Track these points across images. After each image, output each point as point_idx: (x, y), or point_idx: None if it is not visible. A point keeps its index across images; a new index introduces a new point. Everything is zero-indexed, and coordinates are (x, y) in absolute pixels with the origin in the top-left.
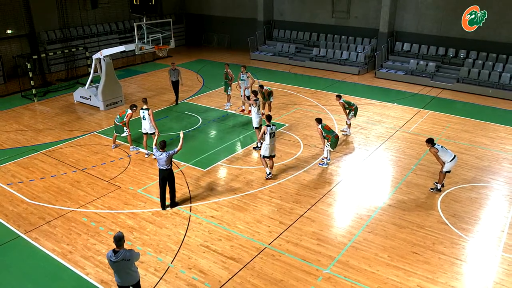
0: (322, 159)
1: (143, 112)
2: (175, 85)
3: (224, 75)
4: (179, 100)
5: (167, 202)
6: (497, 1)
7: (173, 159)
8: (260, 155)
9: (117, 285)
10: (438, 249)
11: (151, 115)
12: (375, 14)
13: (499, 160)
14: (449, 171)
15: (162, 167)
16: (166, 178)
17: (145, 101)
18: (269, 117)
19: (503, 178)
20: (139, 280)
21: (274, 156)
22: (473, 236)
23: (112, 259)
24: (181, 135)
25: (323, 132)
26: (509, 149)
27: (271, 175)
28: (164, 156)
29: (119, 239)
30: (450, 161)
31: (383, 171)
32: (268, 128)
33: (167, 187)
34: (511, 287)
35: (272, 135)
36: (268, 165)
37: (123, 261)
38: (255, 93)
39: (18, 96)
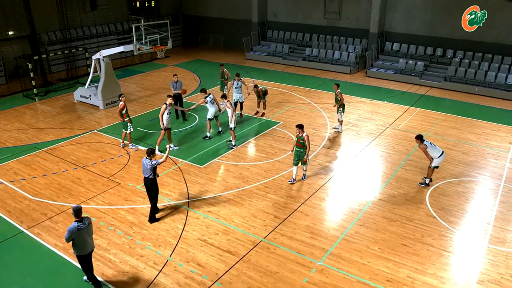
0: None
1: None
2: (178, 99)
3: (220, 75)
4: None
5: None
6: (484, 3)
7: (170, 156)
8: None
9: (80, 255)
10: (426, 241)
11: (160, 110)
12: (365, 15)
13: (485, 155)
14: (437, 166)
15: (144, 175)
16: (150, 187)
17: (169, 96)
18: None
19: (488, 173)
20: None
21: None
22: (460, 228)
23: (81, 227)
24: (168, 149)
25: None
26: (494, 145)
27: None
28: (148, 163)
29: (79, 209)
30: (439, 156)
31: (374, 166)
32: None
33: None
34: (497, 277)
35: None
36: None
37: (89, 225)
38: (203, 91)
39: (20, 96)
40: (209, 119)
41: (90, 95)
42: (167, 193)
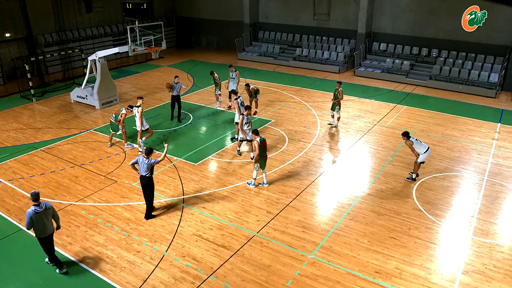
0: (258, 183)
1: (135, 109)
2: (176, 100)
3: (214, 81)
4: (180, 117)
5: (156, 209)
6: (469, 5)
7: (167, 155)
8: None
9: (39, 237)
10: (413, 234)
11: (139, 113)
12: (353, 16)
13: (469, 151)
14: (423, 162)
15: (141, 174)
16: (146, 186)
17: (139, 98)
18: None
19: (472, 168)
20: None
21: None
22: (446, 221)
23: (38, 211)
24: (166, 147)
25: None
26: (477, 141)
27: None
28: (146, 162)
29: (36, 194)
30: (424, 152)
31: (363, 162)
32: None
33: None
34: (481, 268)
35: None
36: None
37: (46, 210)
38: (234, 92)
39: (17, 97)
40: (236, 123)
41: (86, 95)
42: (163, 190)
